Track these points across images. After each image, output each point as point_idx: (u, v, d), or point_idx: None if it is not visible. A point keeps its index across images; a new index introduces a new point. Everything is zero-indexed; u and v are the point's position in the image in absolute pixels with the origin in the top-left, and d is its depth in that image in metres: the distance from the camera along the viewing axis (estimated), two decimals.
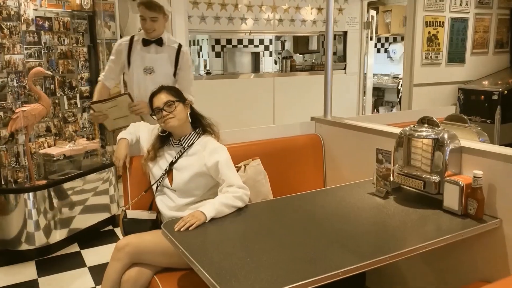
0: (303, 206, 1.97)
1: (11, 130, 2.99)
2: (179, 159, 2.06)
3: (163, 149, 2.13)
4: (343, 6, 5.45)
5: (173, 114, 2.02)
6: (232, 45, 5.81)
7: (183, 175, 2.03)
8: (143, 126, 2.25)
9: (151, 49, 2.76)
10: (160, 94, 2.06)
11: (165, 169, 2.07)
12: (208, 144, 2.06)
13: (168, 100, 2.03)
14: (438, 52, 5.10)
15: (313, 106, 3.52)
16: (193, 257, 1.45)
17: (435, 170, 1.83)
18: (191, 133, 2.10)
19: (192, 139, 2.08)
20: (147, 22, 2.65)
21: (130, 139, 2.16)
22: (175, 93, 2.09)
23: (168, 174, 2.07)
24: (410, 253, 1.49)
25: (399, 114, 3.57)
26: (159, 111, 2.03)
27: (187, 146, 2.07)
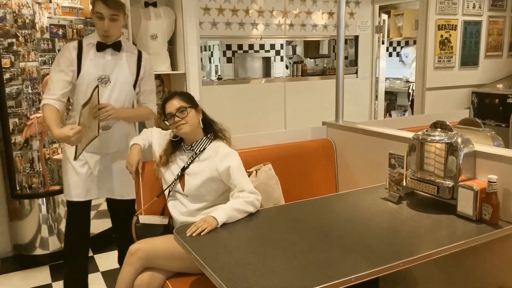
0: (315, 211, 1.96)
1: (26, 136, 3.04)
2: (191, 164, 2.07)
3: (175, 154, 2.14)
4: (354, 10, 5.43)
5: (185, 120, 2.04)
6: (243, 51, 5.83)
7: (195, 180, 2.04)
8: (155, 132, 2.27)
9: (106, 55, 2.35)
10: (173, 99, 2.08)
11: (177, 174, 2.08)
12: (219, 149, 2.06)
13: (180, 106, 2.05)
14: (451, 56, 5.05)
15: (324, 110, 3.51)
16: (205, 262, 1.45)
17: (449, 175, 1.81)
18: (203, 138, 2.10)
19: (203, 145, 2.09)
20: (106, 21, 2.24)
21: (143, 145, 2.18)
22: (187, 99, 2.11)
23: (180, 180, 2.08)
24: (423, 259, 1.48)
25: (412, 118, 3.54)
26: (172, 117, 2.05)
27: (198, 152, 2.08)
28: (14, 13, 2.98)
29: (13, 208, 3.07)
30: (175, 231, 1.73)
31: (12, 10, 2.97)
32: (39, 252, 3.04)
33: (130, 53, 2.44)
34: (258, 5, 4.84)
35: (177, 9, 3.94)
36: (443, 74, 5.00)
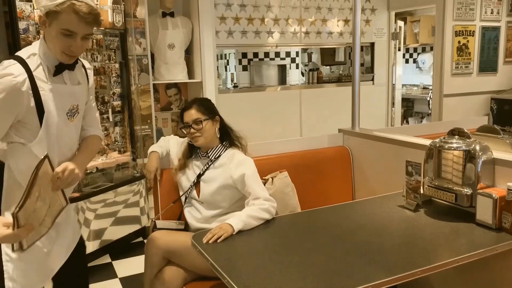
0: (332, 218, 1.96)
1: None
2: (206, 171, 2.10)
3: (191, 160, 2.17)
4: (370, 17, 5.43)
5: (200, 133, 2.07)
6: (259, 59, 5.86)
7: (210, 187, 2.07)
8: (172, 140, 2.30)
9: (65, 78, 1.64)
10: (191, 109, 2.11)
11: (193, 181, 2.11)
12: (234, 157, 2.09)
13: (197, 118, 2.08)
14: (469, 62, 5.01)
15: (340, 118, 3.51)
16: (222, 269, 1.46)
17: (467, 182, 1.79)
18: (218, 145, 2.13)
19: (218, 152, 2.12)
20: (77, 41, 1.54)
21: (161, 152, 2.22)
22: (205, 109, 2.13)
23: (195, 186, 2.11)
24: (441, 267, 1.46)
25: (429, 125, 3.52)
26: (188, 127, 2.08)
27: (213, 159, 2.11)
28: (37, 24, 3.06)
29: None
30: (192, 238, 1.74)
31: (35, 22, 3.05)
32: None
33: (78, 66, 1.71)
34: (274, 13, 4.88)
35: (194, 19, 4.00)
36: (461, 81, 4.95)
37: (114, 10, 3.42)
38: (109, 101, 3.59)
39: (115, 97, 3.64)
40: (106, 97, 3.57)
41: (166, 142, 2.28)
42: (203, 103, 2.16)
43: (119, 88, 3.66)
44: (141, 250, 3.41)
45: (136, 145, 3.72)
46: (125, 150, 3.74)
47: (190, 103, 2.15)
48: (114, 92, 3.63)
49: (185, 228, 2.13)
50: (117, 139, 3.70)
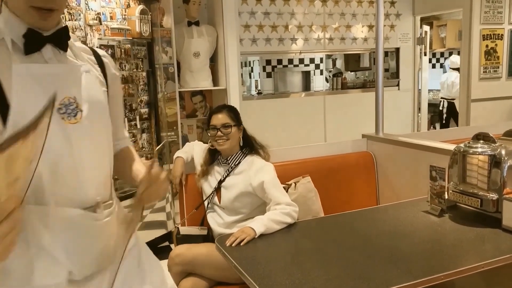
0: (355, 223, 1.96)
1: None
2: (227, 178, 2.14)
3: (213, 166, 2.22)
4: (394, 22, 5.40)
5: (226, 137, 2.11)
6: (283, 65, 5.90)
7: (230, 193, 2.10)
8: (196, 145, 2.35)
9: (48, 58, 1.08)
10: (221, 113, 2.15)
11: (214, 187, 2.15)
12: (254, 163, 2.12)
13: (226, 122, 2.12)
14: (498, 66, 4.91)
15: (365, 123, 3.50)
16: (245, 271, 1.49)
17: (493, 187, 1.77)
18: (238, 152, 2.17)
19: (238, 159, 2.15)
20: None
21: (186, 158, 2.27)
22: (234, 115, 2.17)
23: (217, 192, 2.15)
24: (466, 273, 1.45)
25: (455, 130, 3.47)
26: (215, 130, 2.12)
27: (234, 166, 2.14)
28: None
29: None
30: (216, 241, 1.78)
31: None
32: None
33: (80, 48, 1.22)
34: (298, 20, 4.91)
35: (218, 27, 4.08)
36: (489, 85, 4.86)
37: (142, 20, 3.52)
38: (136, 108, 3.69)
39: (143, 105, 3.74)
40: (134, 104, 3.67)
41: (190, 148, 2.34)
42: (232, 110, 2.21)
43: (146, 96, 3.76)
44: (167, 255, 3.48)
45: (163, 151, 3.80)
46: (152, 156, 3.82)
47: (220, 108, 2.19)
48: (142, 99, 3.73)
49: (207, 233, 2.17)
50: (144, 145, 3.79)
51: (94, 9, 3.31)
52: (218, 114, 2.14)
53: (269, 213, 1.91)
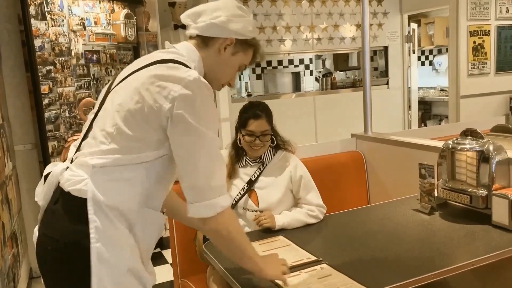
0: (346, 224, 1.94)
1: (64, 158, 3.17)
2: (259, 177, 2.00)
3: (237, 167, 2.05)
4: (382, 21, 5.40)
5: (263, 144, 1.97)
6: (273, 67, 5.88)
7: (272, 194, 1.97)
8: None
9: None
10: (261, 119, 1.96)
11: (243, 188, 1.99)
12: (288, 158, 2.04)
13: (266, 130, 1.96)
14: (486, 62, 4.92)
15: (356, 123, 3.48)
16: (233, 276, 1.46)
17: (482, 183, 1.76)
18: (268, 149, 2.03)
19: (270, 156, 2.04)
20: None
21: None
22: (270, 119, 2.01)
23: (249, 195, 1.99)
24: (457, 270, 1.43)
25: (444, 127, 3.46)
26: (253, 136, 1.95)
27: (267, 163, 2.02)
28: (52, 41, 3.15)
29: None
30: (204, 247, 1.74)
31: (50, 39, 3.14)
32: None
33: None
34: (285, 21, 4.90)
35: None
36: (478, 81, 4.87)
37: (127, 24, 3.49)
38: None
39: None
40: None
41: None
42: (269, 113, 2.01)
43: None
44: (158, 261, 3.44)
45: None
46: None
47: (259, 112, 1.96)
48: None
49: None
50: None
51: (77, 14, 3.28)
52: (258, 120, 1.94)
53: (296, 212, 1.93)
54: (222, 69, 1.37)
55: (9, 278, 2.35)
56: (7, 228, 2.44)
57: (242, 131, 1.97)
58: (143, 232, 1.26)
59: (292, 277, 1.42)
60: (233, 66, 1.39)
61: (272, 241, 1.76)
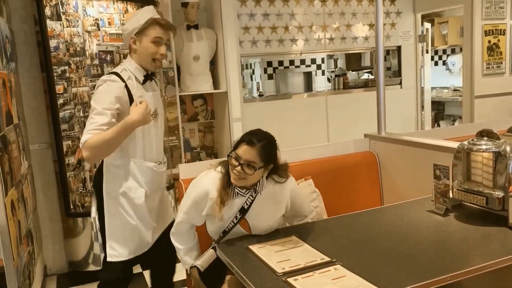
0: (359, 224, 1.93)
1: (78, 157, 3.20)
2: (252, 205, 1.87)
3: (229, 195, 1.87)
4: (395, 20, 5.36)
5: (245, 176, 1.77)
6: (284, 67, 5.87)
7: (263, 222, 1.88)
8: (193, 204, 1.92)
9: (149, 87, 2.18)
10: (254, 148, 1.78)
11: (235, 217, 1.88)
12: (283, 186, 1.93)
13: (252, 161, 1.76)
14: (501, 61, 4.86)
15: (368, 123, 3.46)
16: (247, 277, 1.46)
17: (498, 185, 1.73)
18: (262, 178, 1.87)
19: (263, 183, 1.88)
20: (163, 46, 2.08)
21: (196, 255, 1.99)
22: (266, 157, 1.80)
23: (241, 223, 1.89)
24: (473, 273, 1.42)
25: (458, 127, 3.43)
26: (237, 160, 1.78)
27: (261, 191, 1.87)
28: (67, 42, 3.18)
29: (67, 226, 3.22)
30: (218, 247, 1.75)
31: (65, 39, 3.17)
32: (92, 268, 3.16)
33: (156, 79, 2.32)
34: (297, 21, 4.88)
35: (218, 30, 4.06)
36: (492, 81, 4.81)
37: None
38: None
39: None
40: None
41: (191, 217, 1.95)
42: (267, 149, 1.81)
43: None
44: None
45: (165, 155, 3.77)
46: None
47: (254, 141, 1.79)
48: None
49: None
50: None
51: (92, 15, 3.31)
52: (249, 147, 1.77)
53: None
54: (144, 55, 2.11)
55: (25, 275, 2.38)
56: (23, 226, 2.47)
57: (232, 152, 1.81)
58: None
59: (306, 277, 1.42)
60: (147, 48, 2.09)
61: (285, 241, 1.76)
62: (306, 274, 1.44)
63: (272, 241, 1.75)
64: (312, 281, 1.40)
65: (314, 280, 1.41)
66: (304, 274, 1.44)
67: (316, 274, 1.44)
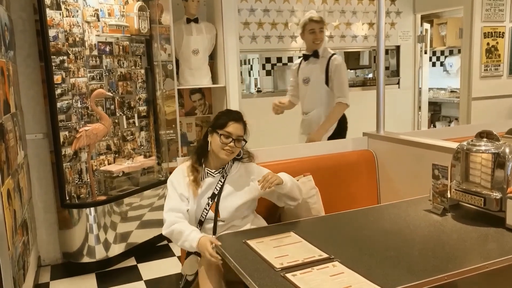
0: (356, 222, 1.93)
1: (75, 148, 3.19)
2: (223, 187, 2.01)
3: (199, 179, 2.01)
4: (395, 20, 5.37)
5: (235, 150, 1.98)
6: (283, 63, 5.86)
7: (231, 203, 1.98)
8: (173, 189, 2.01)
9: (309, 62, 3.25)
10: (240, 123, 2.00)
11: (207, 203, 1.99)
12: (249, 168, 2.07)
13: (242, 135, 1.99)
14: (499, 64, 4.88)
15: (365, 122, 3.46)
16: (246, 272, 1.46)
17: (496, 186, 1.74)
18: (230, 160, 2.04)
19: (231, 165, 2.05)
20: (317, 33, 3.14)
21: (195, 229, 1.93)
22: (246, 128, 2.03)
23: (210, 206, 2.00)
24: (469, 273, 1.42)
25: (456, 128, 3.44)
26: (229, 138, 1.95)
27: (228, 173, 2.03)
28: (66, 32, 3.16)
29: (62, 217, 3.21)
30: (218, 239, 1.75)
31: (64, 29, 3.15)
32: (86, 260, 3.15)
33: (324, 58, 3.18)
34: (298, 18, 4.87)
35: (217, 25, 4.04)
36: (490, 83, 4.83)
37: (140, 17, 3.49)
38: (135, 106, 3.67)
39: (141, 102, 3.71)
40: (132, 102, 3.64)
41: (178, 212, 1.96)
42: (245, 122, 2.04)
43: (144, 93, 3.73)
44: (165, 253, 3.46)
45: (161, 149, 3.77)
46: (150, 154, 3.79)
47: (239, 116, 2.01)
48: (140, 97, 3.70)
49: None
50: (143, 143, 3.76)
51: (92, 5, 3.28)
52: (236, 124, 1.97)
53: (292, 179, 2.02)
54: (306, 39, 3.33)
55: (19, 265, 2.37)
56: (18, 216, 2.46)
57: (218, 131, 1.96)
58: None
59: (304, 273, 1.42)
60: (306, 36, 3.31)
61: (283, 237, 1.76)
62: (305, 270, 1.44)
63: (270, 237, 1.75)
64: (311, 277, 1.40)
65: (313, 276, 1.41)
66: (303, 270, 1.44)
67: (314, 270, 1.44)
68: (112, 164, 3.52)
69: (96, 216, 3.14)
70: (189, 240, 1.82)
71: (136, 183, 3.58)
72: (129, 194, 3.37)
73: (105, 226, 3.18)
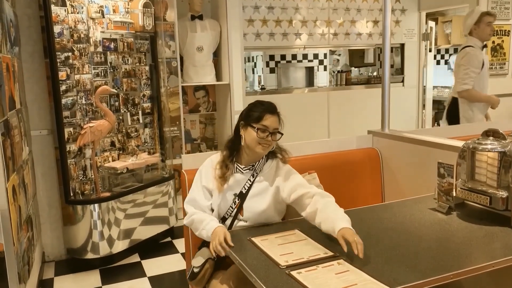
0: (361, 221, 1.92)
1: (79, 144, 3.19)
2: (252, 186, 1.90)
3: (228, 175, 1.91)
4: (400, 18, 5.35)
5: (272, 143, 1.86)
6: (286, 61, 5.86)
7: (258, 204, 1.88)
8: (199, 179, 1.96)
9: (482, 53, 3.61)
10: (276, 116, 1.87)
11: (234, 199, 1.90)
12: (278, 167, 1.94)
13: (278, 128, 1.86)
14: (504, 62, 4.86)
15: (369, 120, 3.46)
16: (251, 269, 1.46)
17: (502, 185, 1.73)
18: (263, 157, 1.92)
19: (263, 163, 1.93)
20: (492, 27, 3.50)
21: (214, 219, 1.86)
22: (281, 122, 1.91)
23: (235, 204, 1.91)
24: (475, 272, 1.42)
25: (461, 127, 3.42)
26: (266, 132, 1.83)
27: (259, 171, 1.91)
28: (71, 28, 3.16)
29: (66, 213, 3.22)
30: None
31: (69, 26, 3.15)
32: (90, 256, 3.16)
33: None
34: (302, 15, 4.87)
35: (222, 22, 4.03)
36: (495, 82, 4.80)
37: (145, 13, 3.49)
38: (139, 103, 3.67)
39: (145, 99, 3.71)
40: (136, 99, 3.64)
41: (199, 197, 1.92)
42: (280, 115, 1.91)
43: (149, 90, 3.73)
44: (169, 250, 3.47)
45: (165, 146, 3.77)
46: (154, 151, 3.80)
47: (274, 108, 1.88)
48: (144, 94, 3.70)
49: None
50: (147, 140, 3.77)
51: (96, 2, 3.28)
52: (273, 116, 1.85)
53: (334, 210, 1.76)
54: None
55: (24, 261, 2.38)
56: (23, 212, 2.46)
57: (254, 125, 1.83)
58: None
59: (309, 271, 1.42)
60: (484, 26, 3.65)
61: (288, 234, 1.76)
62: (310, 268, 1.44)
63: (274, 234, 1.75)
64: (316, 274, 1.40)
65: (318, 273, 1.41)
66: (308, 267, 1.44)
67: (319, 268, 1.44)
68: (116, 160, 3.53)
69: (100, 213, 3.14)
70: (207, 229, 1.78)
71: (140, 179, 3.58)
72: (133, 190, 3.38)
73: (109, 222, 3.19)
